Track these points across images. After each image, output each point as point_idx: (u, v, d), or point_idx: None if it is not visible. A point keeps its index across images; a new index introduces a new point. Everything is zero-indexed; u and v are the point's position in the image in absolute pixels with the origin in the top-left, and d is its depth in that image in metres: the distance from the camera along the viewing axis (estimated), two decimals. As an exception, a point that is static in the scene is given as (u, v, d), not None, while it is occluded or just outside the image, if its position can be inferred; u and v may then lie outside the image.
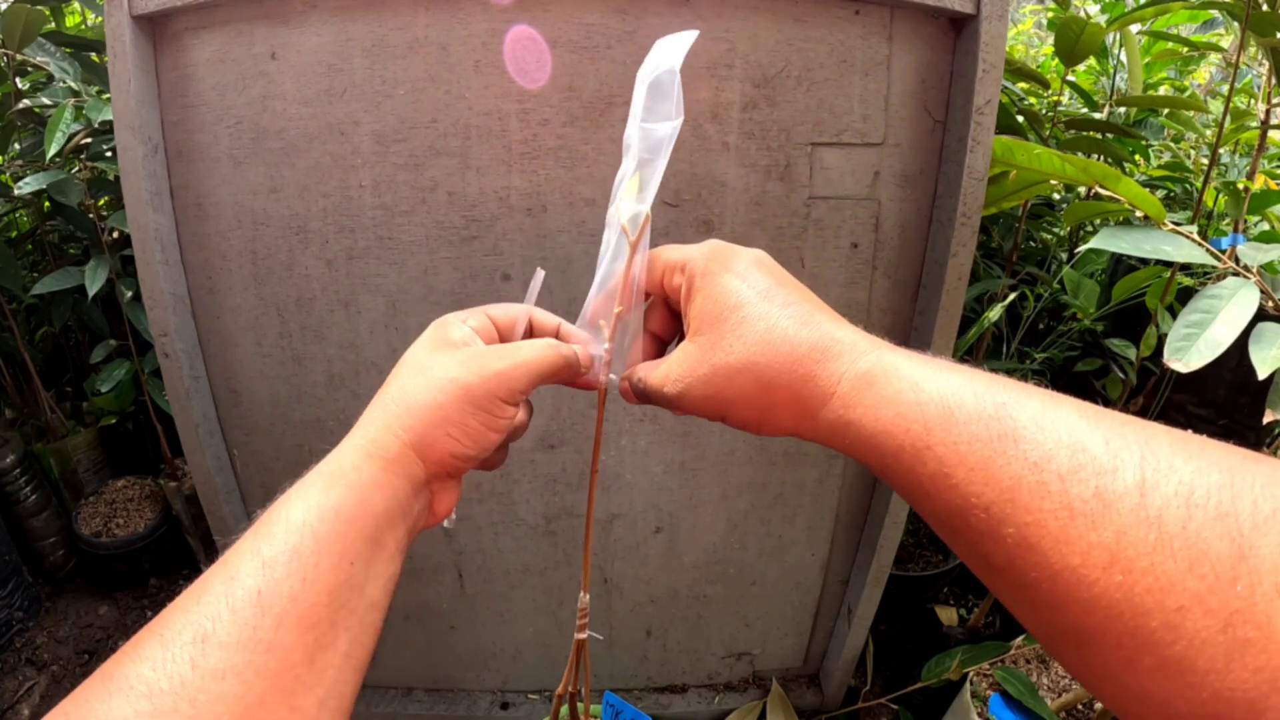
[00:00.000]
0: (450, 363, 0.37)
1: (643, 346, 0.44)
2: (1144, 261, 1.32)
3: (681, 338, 0.40)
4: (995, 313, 1.19)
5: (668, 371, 0.38)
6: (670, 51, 0.39)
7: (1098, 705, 1.05)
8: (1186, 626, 0.21)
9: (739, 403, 0.36)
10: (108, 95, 1.05)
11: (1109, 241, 0.71)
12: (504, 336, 0.42)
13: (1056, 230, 1.65)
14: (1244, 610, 0.20)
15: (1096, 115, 1.40)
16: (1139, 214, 0.73)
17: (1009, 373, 1.50)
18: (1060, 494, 0.24)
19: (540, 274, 0.44)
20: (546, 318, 0.44)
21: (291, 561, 0.30)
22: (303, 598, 0.29)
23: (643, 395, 0.40)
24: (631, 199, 0.39)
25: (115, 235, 1.29)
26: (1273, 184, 1.43)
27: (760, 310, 0.36)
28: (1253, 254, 0.72)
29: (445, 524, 0.41)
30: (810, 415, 0.34)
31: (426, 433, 0.35)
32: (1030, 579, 0.25)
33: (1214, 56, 1.70)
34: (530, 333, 0.43)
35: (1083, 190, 1.30)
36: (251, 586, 0.29)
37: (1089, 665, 0.24)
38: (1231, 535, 0.21)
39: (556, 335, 0.43)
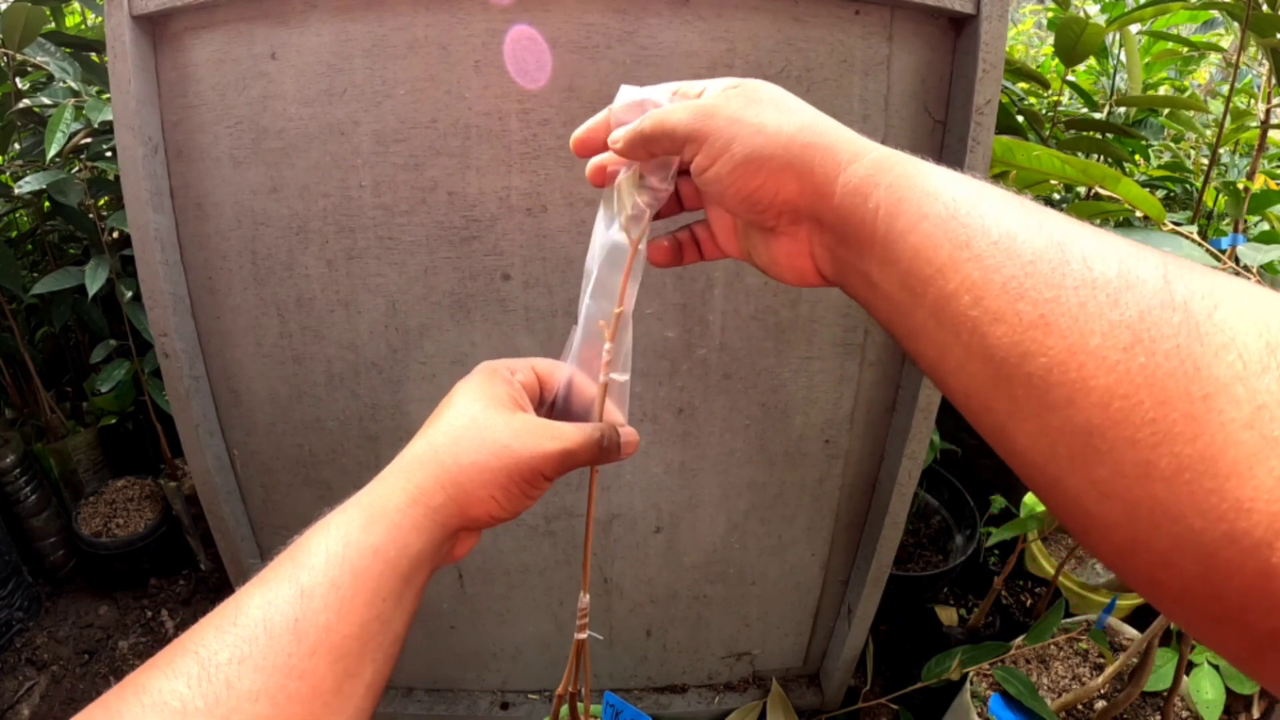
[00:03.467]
0: (505, 428, 0.38)
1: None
2: (1144, 261, 1.31)
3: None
4: (995, 313, 1.19)
5: (688, 104, 0.36)
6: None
7: (1098, 705, 1.05)
8: (1210, 419, 0.19)
9: (763, 126, 0.33)
10: (108, 95, 1.05)
11: (1109, 241, 0.70)
12: (544, 392, 0.43)
13: (1056, 230, 1.65)
14: (1273, 405, 0.18)
15: (1096, 115, 1.40)
16: (1139, 214, 0.73)
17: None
18: (1083, 271, 0.23)
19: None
20: (586, 384, 0.44)
21: (329, 594, 0.31)
22: (336, 629, 0.31)
23: (643, 121, 0.37)
24: (633, 188, 0.39)
25: (115, 235, 1.29)
26: (1273, 184, 1.43)
27: (795, 105, 0.35)
28: (1253, 254, 0.72)
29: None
30: (835, 164, 0.32)
31: (472, 491, 0.36)
32: (1040, 367, 0.23)
33: (1214, 56, 1.70)
34: (570, 394, 0.44)
35: (1083, 190, 1.30)
36: (289, 615, 0.30)
37: (1096, 477, 0.22)
38: (1261, 330, 0.20)
39: (599, 408, 0.43)
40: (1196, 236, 0.69)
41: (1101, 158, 1.30)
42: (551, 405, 0.44)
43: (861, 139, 0.33)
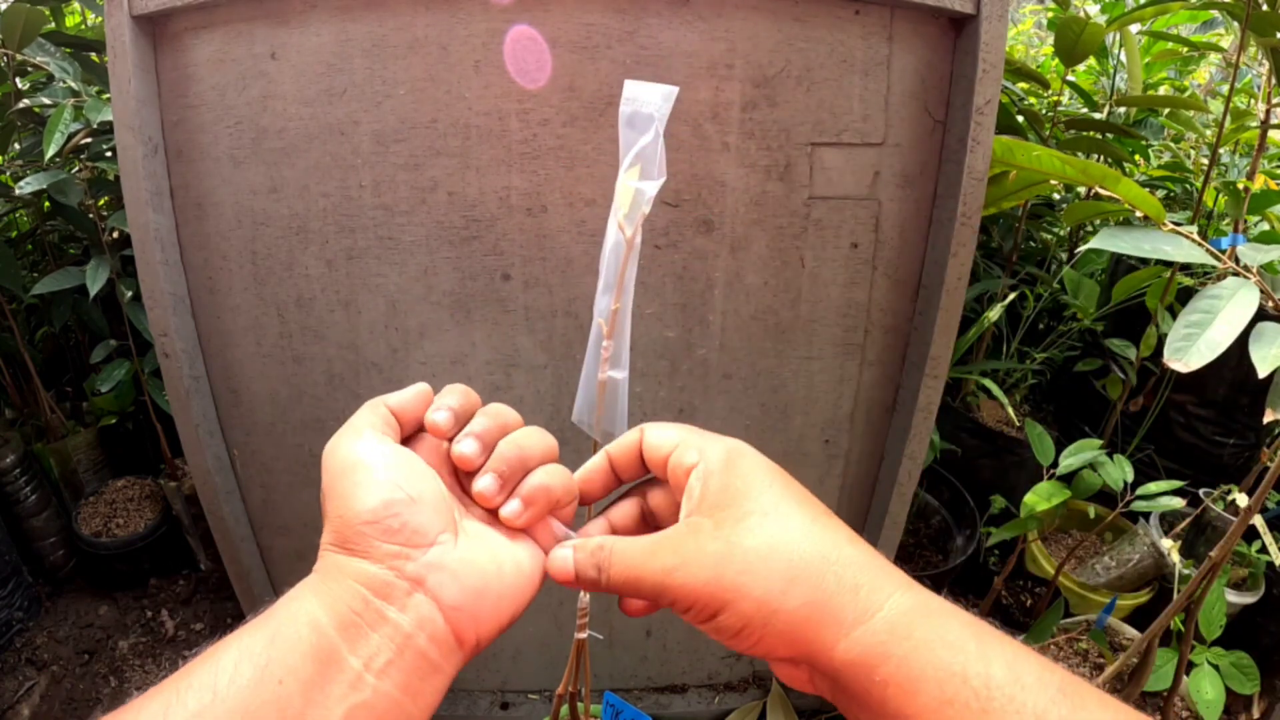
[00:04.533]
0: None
1: (615, 527, 0.38)
2: (1144, 262, 1.32)
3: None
4: (995, 313, 1.19)
5: (655, 544, 0.32)
6: (651, 101, 0.37)
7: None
8: None
9: (750, 592, 0.29)
10: (108, 95, 1.05)
11: (1109, 242, 0.70)
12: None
13: (1056, 230, 1.65)
14: None
15: (1096, 115, 1.40)
16: (1139, 214, 0.73)
17: (1008, 374, 1.50)
18: None
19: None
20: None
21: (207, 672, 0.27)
22: (212, 713, 0.26)
23: (605, 572, 0.32)
24: (634, 181, 0.38)
25: (115, 235, 1.29)
26: (1273, 184, 1.43)
27: (804, 502, 0.31)
28: (1253, 254, 0.72)
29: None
30: (836, 627, 0.28)
31: (332, 523, 0.31)
32: None
33: (1214, 56, 1.70)
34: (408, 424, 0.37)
35: (1083, 190, 1.30)
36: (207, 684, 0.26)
37: None
38: None
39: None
40: (1196, 236, 0.69)
41: (1101, 158, 1.30)
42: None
43: (876, 579, 0.29)
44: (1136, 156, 1.49)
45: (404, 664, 0.29)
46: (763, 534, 0.30)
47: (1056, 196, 1.64)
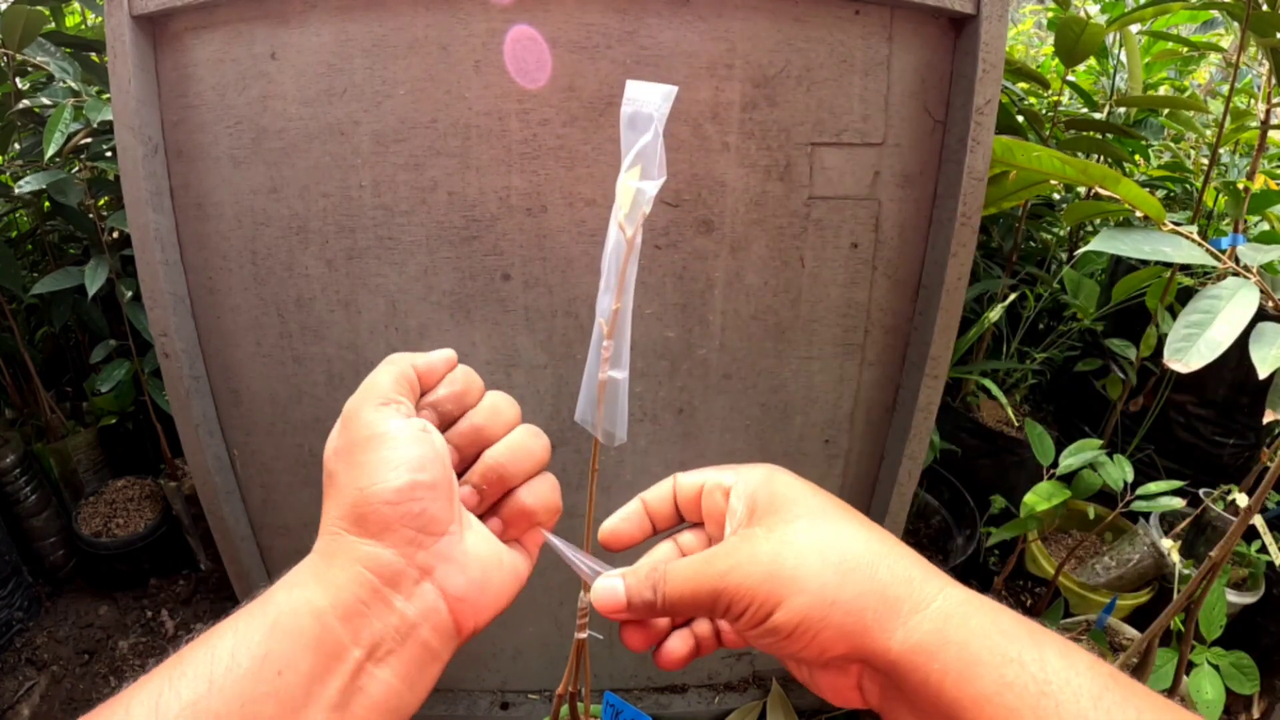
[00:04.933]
0: (329, 437, 0.33)
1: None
2: (1144, 262, 1.32)
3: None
4: (995, 313, 1.19)
5: (709, 555, 0.32)
6: (651, 101, 0.37)
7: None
8: None
9: (807, 585, 0.29)
10: (108, 95, 1.05)
11: (1109, 243, 0.71)
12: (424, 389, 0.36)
13: (1056, 230, 1.65)
14: None
15: (1096, 115, 1.40)
16: (1139, 214, 0.73)
17: (1008, 374, 1.50)
18: None
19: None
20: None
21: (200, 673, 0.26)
22: (208, 708, 0.25)
23: (661, 589, 0.32)
24: (634, 181, 0.38)
25: (115, 235, 1.29)
26: (1273, 184, 1.43)
27: (847, 510, 0.32)
28: (1253, 254, 0.72)
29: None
30: (893, 616, 0.28)
31: (346, 498, 0.30)
32: None
33: (1214, 56, 1.70)
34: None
35: (1083, 190, 1.30)
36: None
37: None
38: None
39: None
40: (1196, 237, 0.69)
41: (1101, 158, 1.30)
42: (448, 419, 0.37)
43: (926, 574, 0.29)
44: (1136, 156, 1.49)
45: (406, 654, 0.29)
46: (814, 533, 0.30)
47: (1056, 196, 1.64)
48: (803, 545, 0.30)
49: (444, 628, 0.31)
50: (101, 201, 1.29)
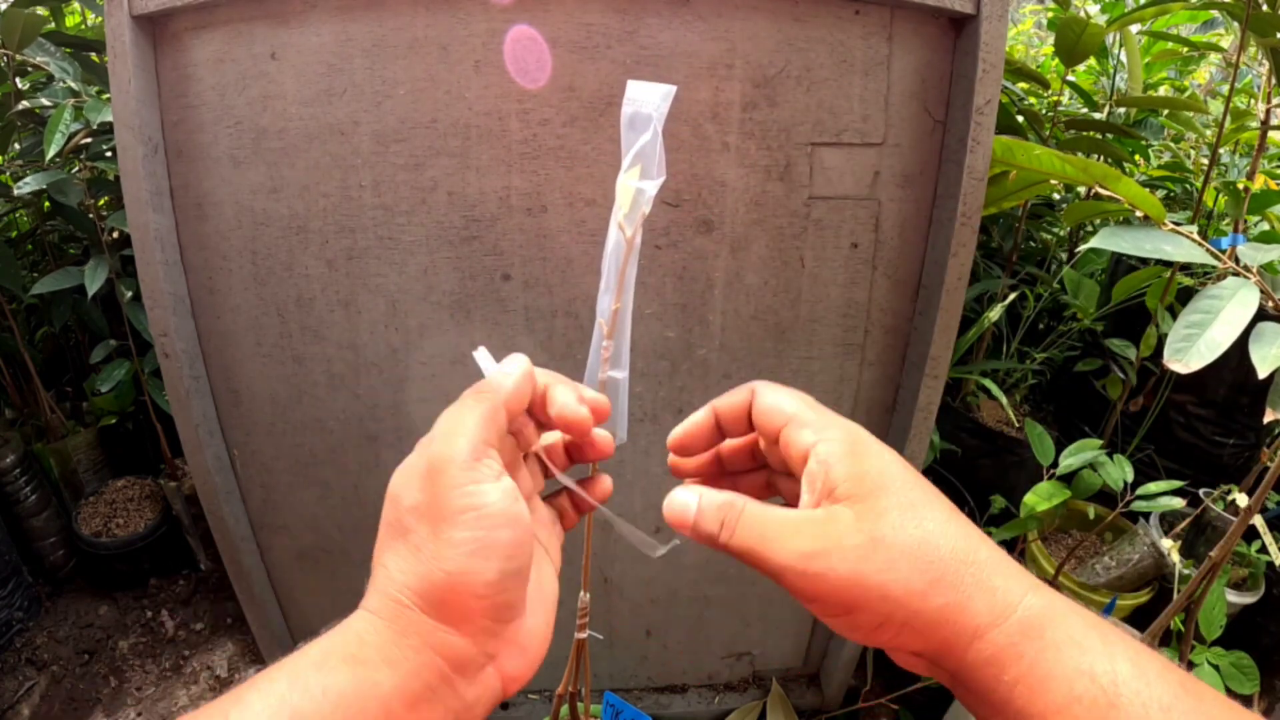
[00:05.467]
0: (398, 492, 0.30)
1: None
2: (1144, 261, 1.32)
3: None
4: (995, 313, 1.19)
5: (792, 523, 0.30)
6: (650, 101, 0.36)
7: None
8: None
9: (892, 592, 0.28)
10: (108, 95, 1.05)
11: (1109, 241, 0.70)
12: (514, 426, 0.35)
13: (1056, 230, 1.65)
14: None
15: (1096, 115, 1.40)
16: (1139, 214, 0.73)
17: (1008, 374, 1.50)
18: None
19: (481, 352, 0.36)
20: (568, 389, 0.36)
21: None
22: None
23: (729, 530, 0.31)
24: (634, 181, 0.38)
25: (115, 235, 1.29)
26: (1273, 184, 1.43)
27: (936, 498, 0.30)
28: (1253, 254, 0.72)
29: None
30: (972, 629, 0.28)
31: (427, 589, 0.28)
32: None
33: (1214, 56, 1.70)
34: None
35: (1083, 190, 1.30)
36: None
37: None
38: None
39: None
40: (1196, 236, 0.69)
41: (1101, 158, 1.30)
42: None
43: (1009, 578, 0.28)
44: (1136, 156, 1.49)
45: None
46: (905, 532, 0.29)
47: (1056, 196, 1.64)
48: (893, 547, 0.28)
49: (494, 702, 0.30)
50: (101, 201, 1.29)
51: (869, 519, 0.29)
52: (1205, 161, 1.36)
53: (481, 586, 0.28)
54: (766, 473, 0.38)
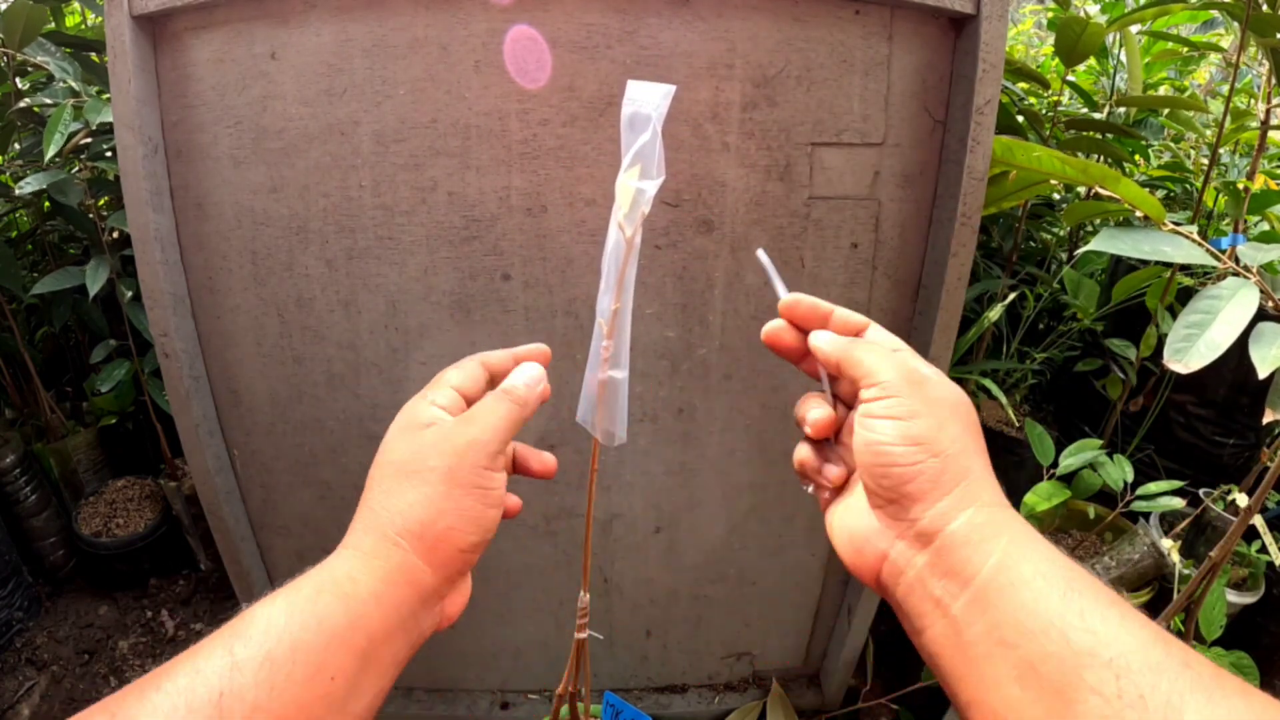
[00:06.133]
0: (426, 450, 0.35)
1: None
2: (1144, 262, 1.32)
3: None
4: (995, 313, 1.19)
5: (873, 347, 0.38)
6: (650, 101, 0.37)
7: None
8: None
9: (946, 425, 0.34)
10: (108, 95, 1.05)
11: (1109, 243, 0.70)
12: (470, 400, 0.40)
13: (1056, 230, 1.65)
14: None
15: (1096, 115, 1.40)
16: (1139, 214, 0.73)
17: (1008, 374, 1.50)
18: (1201, 668, 0.25)
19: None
20: (499, 358, 0.42)
21: (262, 669, 0.28)
22: (267, 708, 0.27)
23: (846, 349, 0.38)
24: (634, 181, 0.38)
25: (115, 235, 1.29)
26: (1273, 184, 1.43)
27: (970, 432, 0.36)
28: (1253, 254, 0.72)
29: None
30: (971, 500, 0.33)
31: (425, 532, 0.34)
32: None
33: (1214, 56, 1.70)
34: (492, 382, 0.41)
35: (1083, 190, 1.30)
36: (215, 687, 0.27)
37: None
38: None
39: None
40: (1196, 236, 0.69)
41: (1101, 158, 1.30)
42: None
43: (982, 491, 0.33)
44: (1136, 156, 1.49)
45: (411, 653, 0.35)
46: (952, 405, 0.35)
47: (1056, 196, 1.64)
48: (945, 400, 0.35)
49: (435, 631, 0.37)
50: (101, 201, 1.29)
51: (936, 385, 0.36)
52: (1205, 161, 1.36)
53: (466, 544, 0.35)
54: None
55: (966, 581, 0.30)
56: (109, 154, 1.24)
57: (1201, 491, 1.29)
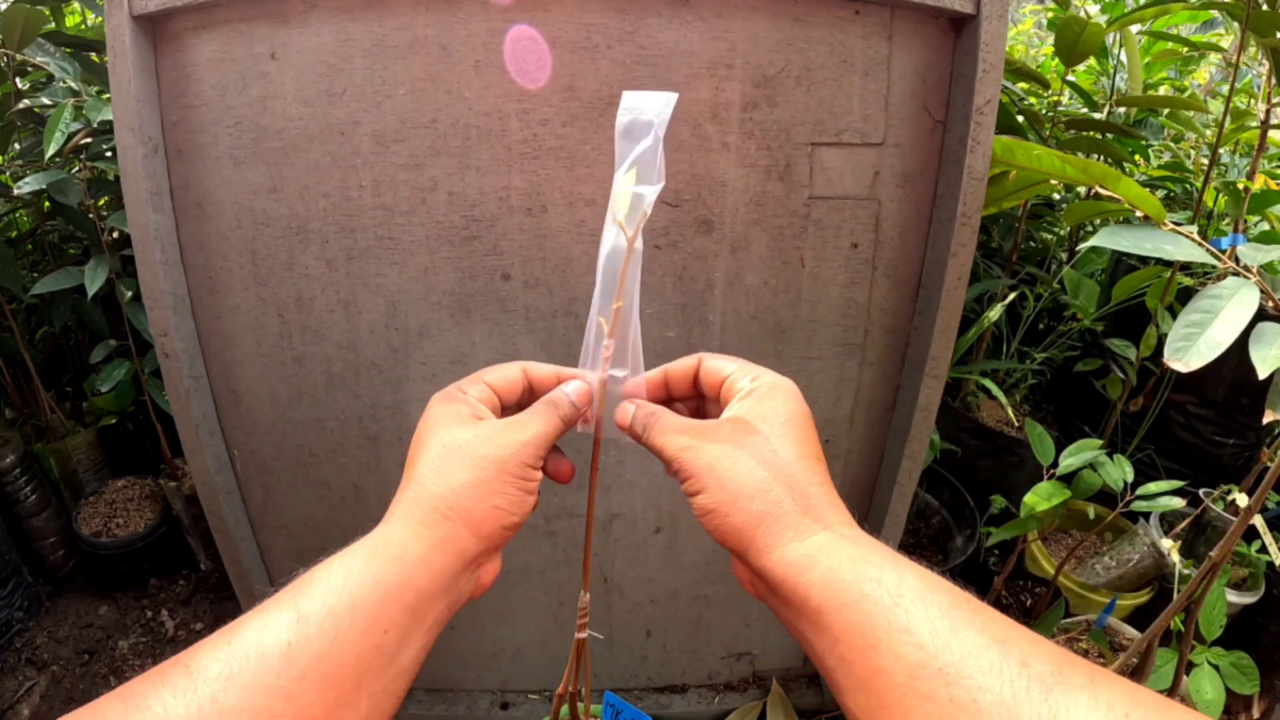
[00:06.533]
0: (477, 440, 0.39)
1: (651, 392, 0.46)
2: (1144, 261, 1.32)
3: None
4: (995, 313, 1.19)
5: (686, 427, 0.41)
6: (651, 108, 0.38)
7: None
8: None
9: (726, 486, 0.37)
10: (108, 95, 1.05)
11: (1109, 240, 0.71)
12: (503, 400, 0.44)
13: (1056, 230, 1.65)
14: None
15: (1096, 115, 1.40)
16: (1139, 214, 0.73)
17: (1008, 374, 1.50)
18: (1020, 668, 0.27)
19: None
20: (543, 371, 0.46)
21: (325, 621, 0.31)
22: (330, 656, 0.30)
23: (648, 432, 0.42)
24: (631, 184, 0.38)
25: (115, 235, 1.29)
26: (1273, 184, 1.43)
27: (804, 443, 0.39)
28: (1253, 254, 0.72)
29: None
30: (776, 541, 0.35)
31: (474, 509, 0.37)
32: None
33: (1214, 56, 1.70)
34: (530, 390, 0.45)
35: (1083, 190, 1.30)
36: (283, 638, 0.30)
37: None
38: None
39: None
40: (1196, 236, 0.69)
41: (1101, 158, 1.30)
42: (519, 406, 0.45)
43: (830, 514, 0.36)
44: (1136, 156, 1.49)
45: (450, 615, 0.38)
46: (760, 450, 0.37)
47: (1056, 196, 1.64)
48: (743, 456, 0.37)
49: (473, 596, 0.40)
50: (101, 201, 1.29)
51: (739, 434, 0.38)
52: (1205, 161, 1.36)
53: (509, 523, 0.39)
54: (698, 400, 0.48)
55: (800, 610, 0.33)
56: (109, 154, 1.24)
57: (1201, 491, 1.29)
